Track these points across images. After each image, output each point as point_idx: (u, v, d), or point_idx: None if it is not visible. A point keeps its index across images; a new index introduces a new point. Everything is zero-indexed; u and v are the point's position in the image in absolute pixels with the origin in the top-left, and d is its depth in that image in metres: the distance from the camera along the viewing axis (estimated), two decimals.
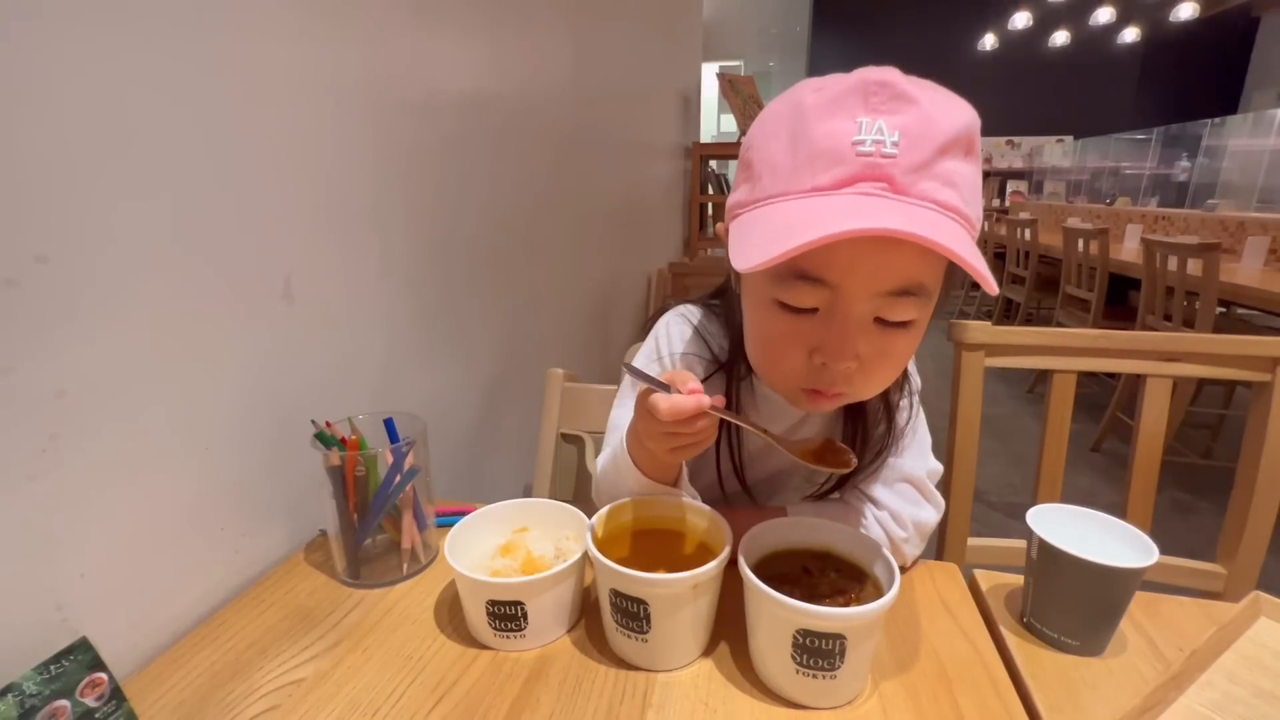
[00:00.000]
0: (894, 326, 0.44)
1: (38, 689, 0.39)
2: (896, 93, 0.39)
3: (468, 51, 0.99)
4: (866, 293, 0.42)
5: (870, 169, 0.39)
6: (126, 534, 0.50)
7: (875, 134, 0.39)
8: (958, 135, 0.40)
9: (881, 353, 0.45)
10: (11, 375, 0.41)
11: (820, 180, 0.40)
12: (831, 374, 0.45)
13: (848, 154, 0.39)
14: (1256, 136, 4.04)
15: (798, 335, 0.45)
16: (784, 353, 0.47)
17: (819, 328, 0.44)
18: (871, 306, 0.43)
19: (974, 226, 0.42)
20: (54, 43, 0.42)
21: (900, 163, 0.39)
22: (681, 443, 0.47)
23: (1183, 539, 1.94)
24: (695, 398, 0.43)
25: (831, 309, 0.43)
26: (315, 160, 0.67)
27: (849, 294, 0.42)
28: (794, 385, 0.48)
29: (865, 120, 0.39)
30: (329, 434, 0.58)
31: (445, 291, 0.96)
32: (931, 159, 0.39)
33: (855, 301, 0.43)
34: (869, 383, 0.48)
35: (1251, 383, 0.77)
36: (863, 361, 0.45)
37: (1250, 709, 0.41)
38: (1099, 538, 0.52)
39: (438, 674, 0.48)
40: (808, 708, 0.44)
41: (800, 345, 0.46)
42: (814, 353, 0.45)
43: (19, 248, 0.41)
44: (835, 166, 0.40)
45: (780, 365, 0.48)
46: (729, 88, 3.11)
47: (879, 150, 0.39)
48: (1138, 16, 5.27)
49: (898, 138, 0.39)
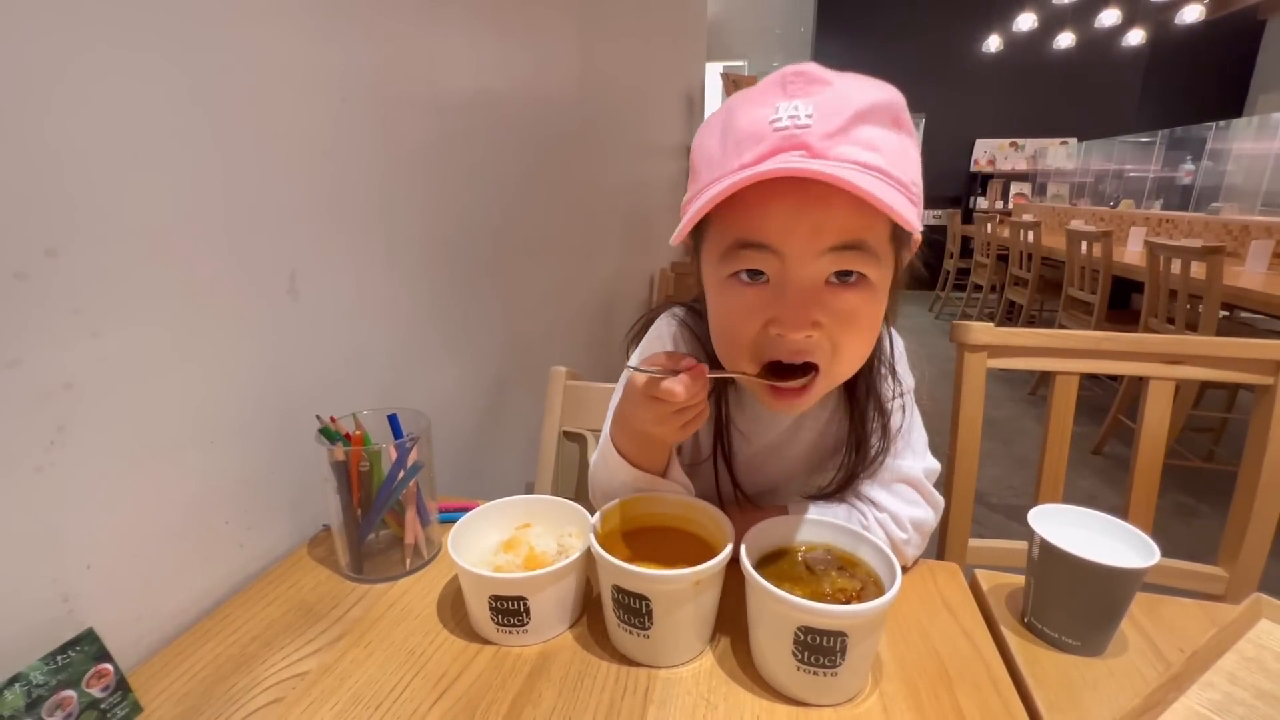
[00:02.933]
0: (848, 286, 0.45)
1: (44, 679, 0.39)
2: (811, 78, 0.42)
3: (475, 50, 0.99)
4: (810, 252, 0.44)
5: (787, 140, 0.41)
6: (132, 527, 0.50)
7: (790, 111, 0.41)
8: (874, 105, 0.42)
9: (843, 318, 0.46)
10: (20, 367, 0.41)
11: (745, 158, 0.43)
12: (791, 342, 0.46)
13: (766, 132, 0.42)
14: (1261, 140, 4.02)
15: (753, 307, 0.47)
16: (742, 327, 0.48)
17: (773, 300, 0.46)
18: (819, 267, 0.44)
19: (906, 187, 0.43)
20: (64, 39, 0.42)
21: (814, 131, 0.41)
22: (691, 415, 0.48)
23: (1184, 542, 1.94)
24: (699, 368, 0.45)
25: (783, 278, 0.45)
26: (322, 157, 0.67)
27: (793, 256, 0.44)
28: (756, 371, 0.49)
29: (782, 103, 0.42)
30: (333, 429, 0.58)
31: (449, 289, 0.97)
32: (848, 125, 0.41)
33: (801, 263, 0.44)
34: (838, 355, 0.48)
35: (1254, 386, 0.77)
36: (826, 329, 0.46)
37: (1251, 710, 0.42)
38: (1100, 538, 0.52)
39: (440, 669, 0.48)
40: (809, 705, 0.44)
41: (756, 317, 0.47)
42: (770, 324, 0.46)
43: (29, 241, 0.41)
44: (757, 145, 0.42)
45: (740, 342, 0.49)
46: (733, 88, 3.11)
47: (794, 124, 0.41)
48: (1143, 19, 5.25)
49: (811, 110, 0.41)
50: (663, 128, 2.55)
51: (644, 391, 0.47)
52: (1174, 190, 4.88)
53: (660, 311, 0.66)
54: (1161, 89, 6.08)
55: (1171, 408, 0.81)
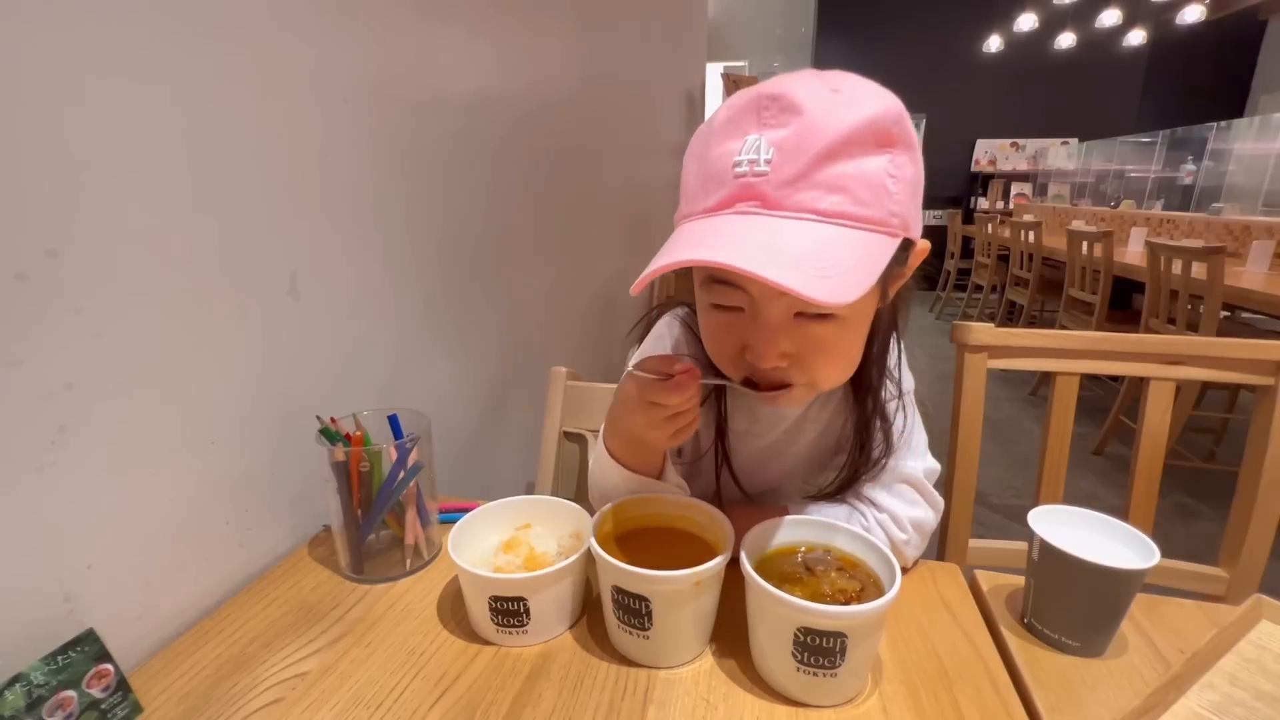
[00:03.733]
0: (817, 321, 0.46)
1: (45, 679, 0.39)
2: (785, 104, 0.41)
3: (474, 51, 0.99)
4: (772, 293, 0.44)
5: (744, 189, 0.41)
6: (133, 527, 0.50)
7: (751, 153, 0.41)
8: (850, 135, 0.40)
9: (811, 346, 0.47)
10: (21, 368, 0.41)
11: (709, 202, 0.43)
12: (763, 370, 0.48)
13: (728, 176, 0.42)
14: (1262, 140, 4.02)
15: (732, 332, 0.49)
16: (724, 348, 0.51)
17: (749, 327, 0.47)
18: (786, 303, 0.45)
19: (881, 223, 0.42)
20: (65, 41, 0.42)
21: (771, 179, 0.40)
22: (683, 421, 0.49)
23: (1185, 543, 1.94)
24: (690, 372, 0.46)
25: (753, 309, 0.47)
26: (322, 158, 0.68)
27: (759, 297, 0.45)
28: (740, 378, 0.51)
29: (751, 138, 0.41)
30: (334, 430, 0.58)
31: (450, 289, 0.97)
32: (809, 169, 0.40)
33: (767, 302, 0.45)
34: (812, 375, 0.49)
35: (1255, 386, 0.77)
36: (796, 357, 0.47)
37: (1251, 711, 0.41)
38: (1100, 539, 0.52)
39: (440, 669, 0.48)
40: (808, 705, 0.44)
41: (734, 342, 0.49)
42: (745, 350, 0.48)
43: (30, 241, 0.41)
44: (720, 189, 0.42)
45: (723, 358, 0.52)
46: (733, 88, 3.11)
47: (752, 169, 0.41)
48: (1144, 19, 5.25)
49: (772, 155, 0.40)
50: (663, 128, 2.55)
51: (637, 396, 0.48)
52: (1175, 190, 4.88)
53: (663, 311, 0.66)
54: (1162, 89, 6.08)
55: (1172, 408, 0.81)
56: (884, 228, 0.42)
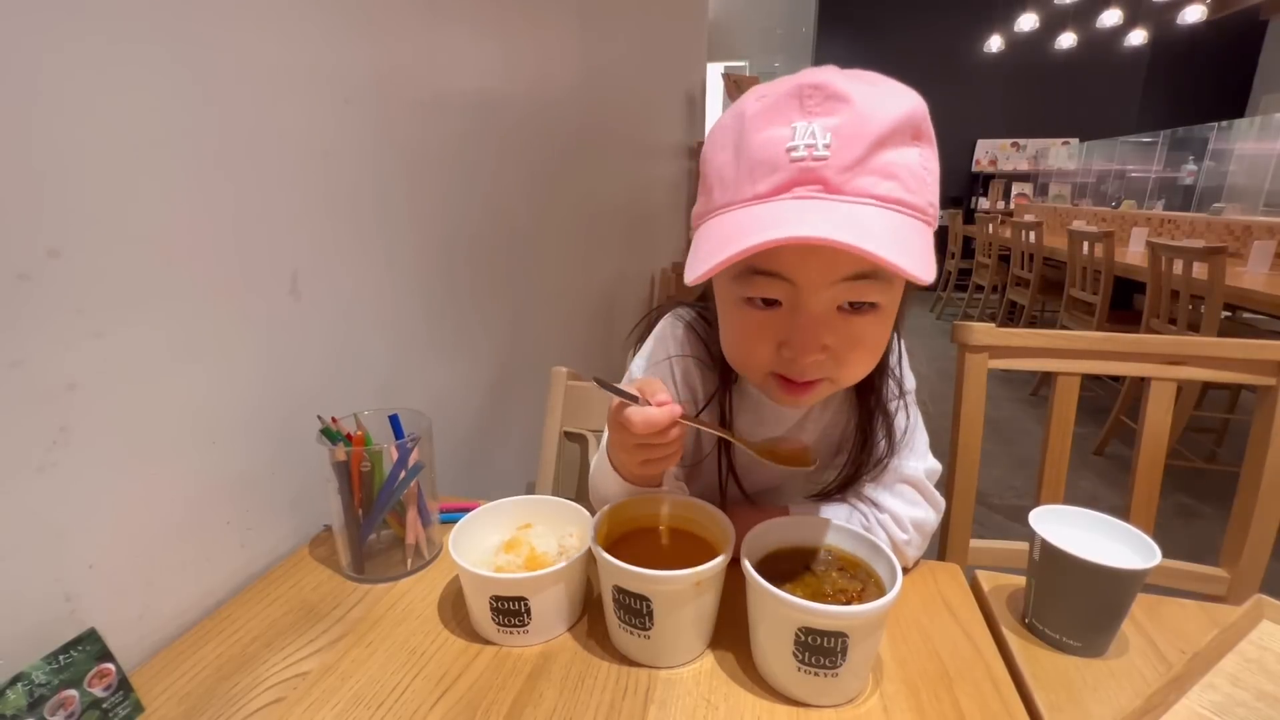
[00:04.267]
0: (859, 313, 0.46)
1: (47, 679, 0.39)
2: (830, 93, 0.40)
3: (476, 52, 0.99)
4: (823, 283, 0.44)
5: (804, 173, 0.40)
6: (134, 526, 0.50)
7: (808, 138, 0.40)
8: (896, 125, 0.40)
9: (850, 341, 0.46)
10: (23, 368, 0.41)
11: (760, 188, 0.41)
12: (801, 366, 0.47)
13: (782, 160, 0.40)
14: (1264, 140, 4.01)
15: (766, 329, 0.47)
16: (754, 347, 0.48)
17: (785, 321, 0.46)
18: (831, 295, 0.44)
19: (924, 212, 0.42)
20: (66, 41, 0.42)
21: (832, 164, 0.40)
22: (654, 455, 0.48)
23: (1186, 543, 1.94)
24: (667, 409, 0.44)
25: (794, 302, 0.45)
26: (324, 158, 0.68)
27: (806, 287, 0.44)
28: (764, 373, 0.50)
29: (800, 124, 0.40)
30: (335, 429, 0.58)
31: (451, 289, 0.97)
32: (866, 154, 0.40)
33: (813, 293, 0.44)
34: (843, 370, 0.49)
35: (1256, 387, 0.77)
36: (833, 351, 0.46)
37: (1252, 711, 0.42)
38: (1101, 539, 0.52)
39: (441, 669, 0.48)
40: (809, 705, 0.44)
41: (769, 339, 0.47)
42: (782, 346, 0.46)
43: (32, 242, 0.41)
44: (773, 174, 0.41)
45: (752, 359, 0.49)
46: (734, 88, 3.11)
47: (811, 154, 0.40)
48: (1145, 19, 5.25)
49: (829, 139, 0.40)
50: (664, 128, 2.55)
51: (612, 413, 0.47)
52: (1176, 191, 4.87)
53: (665, 311, 0.66)
54: (1163, 89, 6.08)
55: (1173, 408, 0.81)
56: (924, 216, 0.43)
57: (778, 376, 0.49)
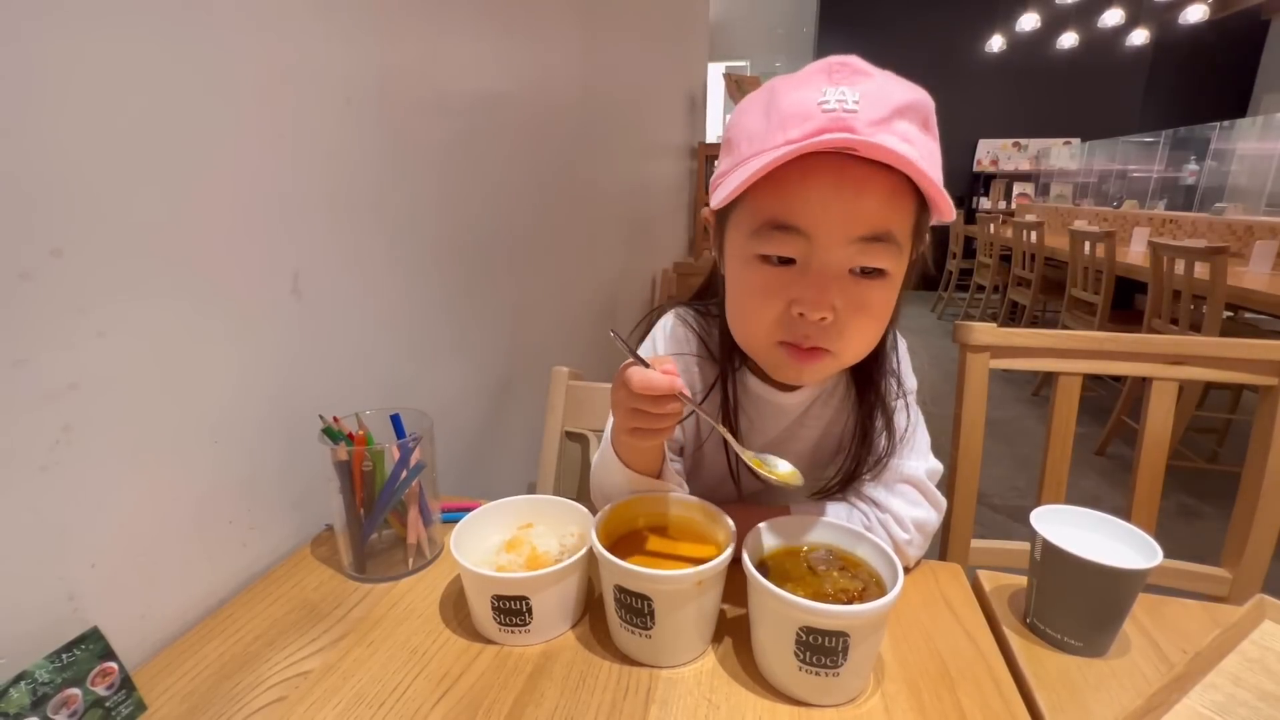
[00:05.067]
0: (868, 279, 0.47)
1: (50, 677, 0.39)
2: (855, 69, 0.44)
3: (478, 52, 0.99)
4: (840, 239, 0.45)
5: (835, 121, 0.42)
6: (137, 526, 0.50)
7: (839, 95, 0.43)
8: (911, 103, 0.44)
9: (857, 305, 0.48)
10: (26, 367, 0.41)
11: (791, 134, 0.44)
12: (807, 326, 0.48)
13: (814, 111, 0.43)
14: (1266, 140, 4.01)
15: (777, 288, 0.48)
16: (763, 306, 0.49)
17: (797, 280, 0.47)
18: (845, 255, 0.46)
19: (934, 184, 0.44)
20: (67, 40, 0.42)
21: (861, 117, 0.42)
22: (645, 423, 0.47)
23: (1188, 544, 1.93)
24: (668, 377, 0.45)
25: (808, 260, 0.47)
26: (326, 158, 0.68)
27: (823, 241, 0.46)
28: (772, 342, 0.50)
29: (829, 89, 0.43)
30: (336, 429, 0.58)
31: (452, 289, 0.97)
32: (889, 117, 0.43)
33: (830, 249, 0.46)
34: (846, 342, 0.49)
35: (1258, 387, 0.77)
36: (839, 314, 0.47)
37: (1254, 711, 0.41)
38: (1103, 539, 0.52)
39: (443, 668, 0.48)
40: (810, 705, 0.44)
41: (779, 297, 0.48)
42: (792, 304, 0.48)
43: (34, 241, 0.41)
44: (805, 123, 0.43)
45: (759, 322, 0.50)
46: (735, 88, 3.11)
47: (841, 107, 0.43)
48: (1146, 19, 5.24)
49: (858, 97, 0.43)
50: (665, 128, 2.55)
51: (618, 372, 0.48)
52: (1178, 190, 4.86)
53: (664, 311, 0.66)
54: (1165, 89, 6.06)
55: (1175, 408, 0.81)
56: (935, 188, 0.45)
57: (783, 345, 0.50)
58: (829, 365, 0.51)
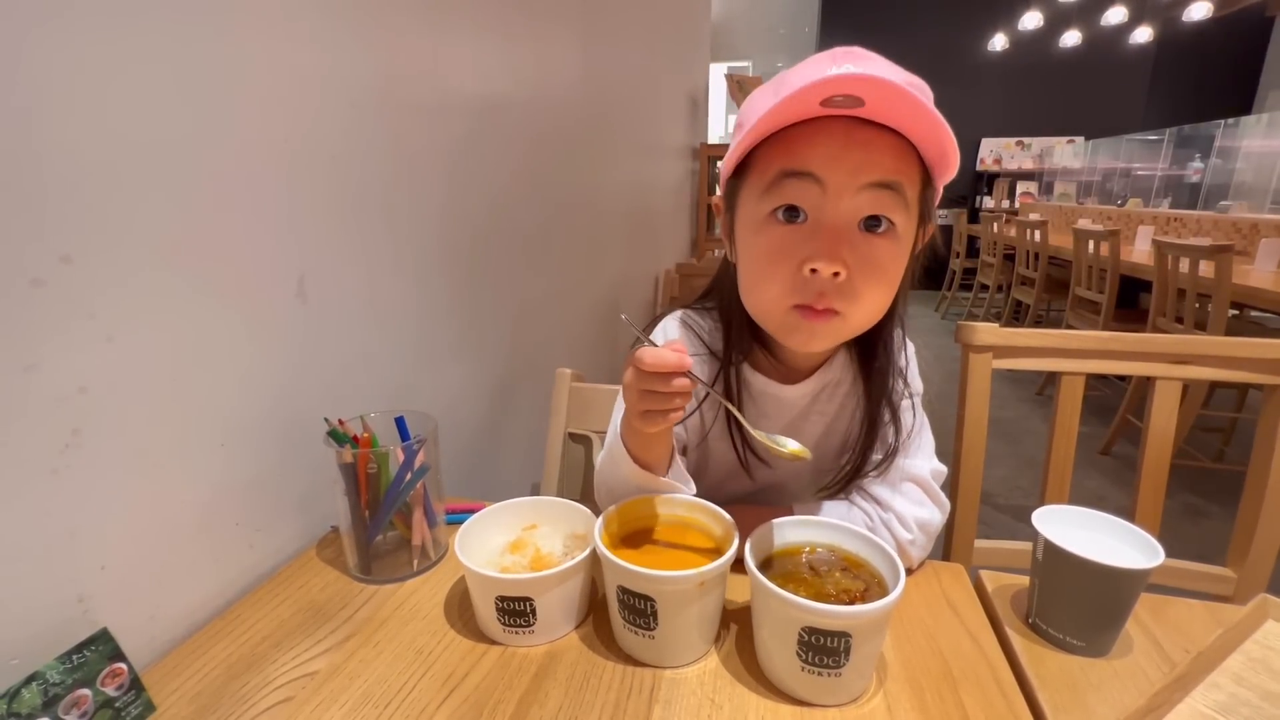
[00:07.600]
0: (876, 234, 0.49)
1: (60, 678, 0.40)
2: (859, 54, 0.47)
3: (481, 55, 1.00)
4: (850, 185, 0.47)
5: (844, 84, 0.43)
6: (145, 528, 0.51)
7: (846, 69, 0.44)
8: (914, 81, 0.47)
9: (867, 261, 0.49)
10: (37, 371, 0.42)
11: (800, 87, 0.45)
12: (820, 283, 0.49)
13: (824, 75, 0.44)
14: (1270, 137, 3.99)
15: (789, 247, 0.50)
16: (776, 267, 0.51)
17: (809, 239, 0.49)
18: (855, 204, 0.48)
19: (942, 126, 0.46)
20: (75, 48, 0.43)
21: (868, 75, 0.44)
22: (654, 404, 0.47)
23: (1193, 543, 1.93)
24: (678, 354, 0.45)
25: (820, 213, 0.49)
26: (330, 162, 0.68)
27: (834, 186, 0.47)
28: (786, 306, 0.51)
29: (834, 67, 0.45)
30: (341, 431, 0.58)
31: (456, 291, 0.97)
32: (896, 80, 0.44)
33: (839, 195, 0.48)
34: (856, 304, 0.50)
35: (1264, 386, 0.77)
36: (850, 272, 0.48)
37: (1256, 711, 0.41)
38: (1105, 539, 0.52)
39: (448, 668, 0.49)
40: (813, 705, 0.45)
41: (791, 257, 0.49)
42: (804, 262, 0.49)
43: (45, 248, 0.42)
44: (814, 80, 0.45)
45: (772, 282, 0.51)
46: (737, 89, 3.11)
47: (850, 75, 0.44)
48: (1150, 16, 5.21)
49: (864, 69, 0.44)
50: (667, 129, 2.56)
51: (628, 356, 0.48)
52: (1182, 189, 4.84)
53: (665, 315, 0.67)
54: (1169, 87, 6.04)
55: (1180, 408, 0.80)
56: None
57: (796, 309, 0.51)
58: (838, 328, 0.52)
